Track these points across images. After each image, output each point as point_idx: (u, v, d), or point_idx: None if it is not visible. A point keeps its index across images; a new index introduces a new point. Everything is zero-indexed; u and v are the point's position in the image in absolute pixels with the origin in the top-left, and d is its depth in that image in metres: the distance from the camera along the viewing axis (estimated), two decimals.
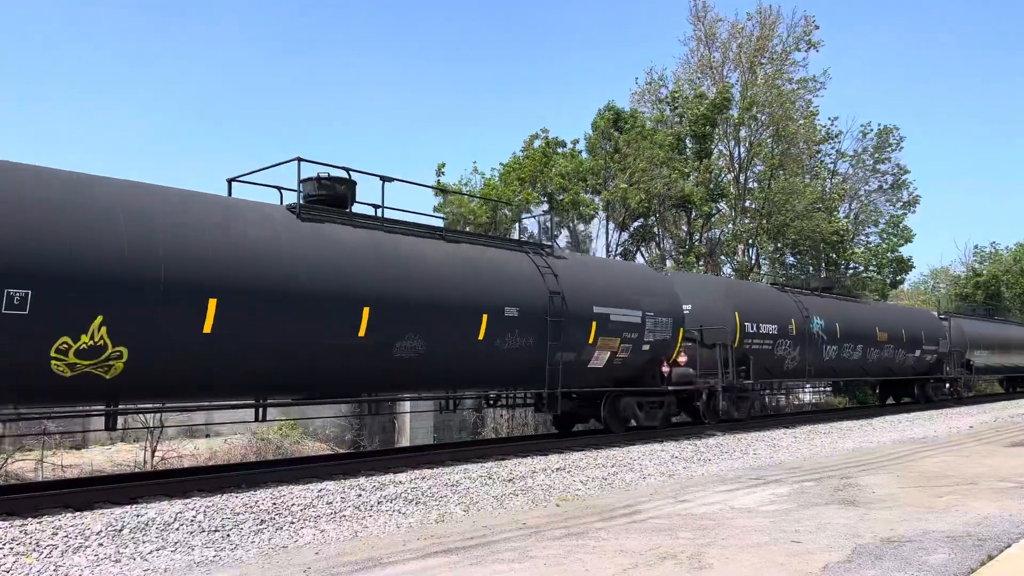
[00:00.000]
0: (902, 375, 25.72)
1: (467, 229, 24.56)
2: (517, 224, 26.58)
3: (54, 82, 77.01)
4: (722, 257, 31.46)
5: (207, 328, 8.51)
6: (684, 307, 16.08)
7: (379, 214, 11.22)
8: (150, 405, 9.91)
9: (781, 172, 31.90)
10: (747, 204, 31.85)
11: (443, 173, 26.31)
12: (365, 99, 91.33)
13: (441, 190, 23.95)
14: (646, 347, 14.36)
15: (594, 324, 13.23)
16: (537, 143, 27.51)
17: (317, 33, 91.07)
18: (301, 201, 10.42)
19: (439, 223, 12.79)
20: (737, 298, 17.77)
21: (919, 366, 25.95)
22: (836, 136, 36.74)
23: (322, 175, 10.76)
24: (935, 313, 29.03)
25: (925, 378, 26.63)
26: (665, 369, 14.89)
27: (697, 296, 17.21)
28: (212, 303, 8.49)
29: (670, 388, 15.13)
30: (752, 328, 17.57)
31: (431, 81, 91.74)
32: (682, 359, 15.44)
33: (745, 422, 17.71)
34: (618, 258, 26.64)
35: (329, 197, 10.66)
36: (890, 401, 28.13)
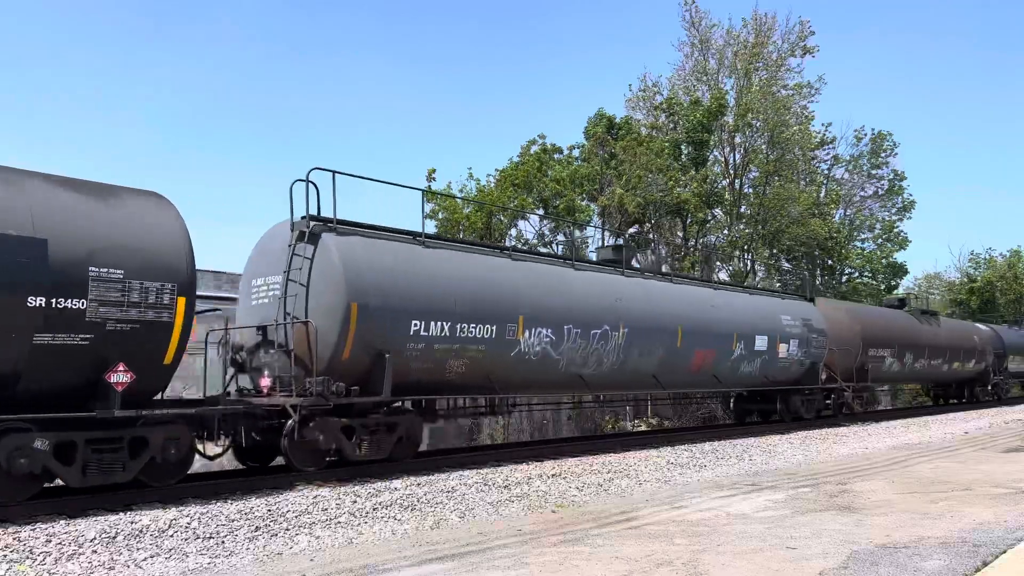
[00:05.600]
0: (748, 386, 18.70)
1: (460, 235, 24.58)
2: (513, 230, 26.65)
3: (54, 84, 76.92)
4: (718, 263, 31.52)
5: None
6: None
7: None
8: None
9: (776, 178, 32.00)
10: (743, 210, 31.93)
11: (434, 179, 26.28)
12: (358, 102, 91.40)
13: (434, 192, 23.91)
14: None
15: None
16: (534, 149, 27.58)
17: (311, 37, 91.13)
18: None
19: None
20: (358, 264, 10.53)
21: (775, 372, 18.83)
22: (831, 141, 36.91)
23: None
24: (810, 302, 21.55)
25: (787, 389, 19.61)
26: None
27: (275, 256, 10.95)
28: None
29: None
30: (396, 315, 10.66)
31: (425, 85, 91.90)
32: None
33: (386, 465, 10.93)
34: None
35: None
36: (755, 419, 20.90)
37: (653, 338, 14.99)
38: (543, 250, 12.89)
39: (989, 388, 31.82)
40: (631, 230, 29.04)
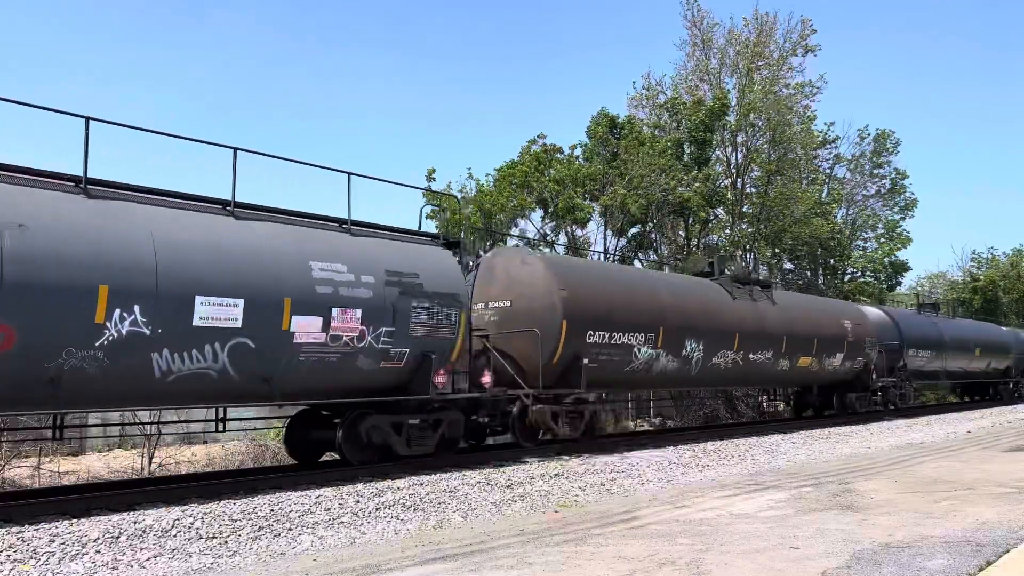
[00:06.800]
0: (196, 401, 9.61)
1: (461, 235, 24.61)
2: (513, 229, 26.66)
3: (56, 84, 77.08)
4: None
5: None
6: None
7: None
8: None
9: (778, 177, 31.99)
10: (744, 209, 31.93)
11: (434, 179, 26.27)
12: (358, 102, 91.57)
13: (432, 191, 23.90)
14: None
15: None
16: (535, 148, 27.57)
17: (311, 37, 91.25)
18: None
19: None
20: None
21: (296, 372, 10.07)
22: (833, 140, 36.92)
23: None
24: (447, 246, 12.31)
25: (358, 403, 10.81)
26: None
27: None
28: None
29: None
30: None
31: (426, 85, 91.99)
32: None
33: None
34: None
35: None
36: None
37: None
38: None
39: (877, 395, 22.40)
40: (633, 230, 29.05)
